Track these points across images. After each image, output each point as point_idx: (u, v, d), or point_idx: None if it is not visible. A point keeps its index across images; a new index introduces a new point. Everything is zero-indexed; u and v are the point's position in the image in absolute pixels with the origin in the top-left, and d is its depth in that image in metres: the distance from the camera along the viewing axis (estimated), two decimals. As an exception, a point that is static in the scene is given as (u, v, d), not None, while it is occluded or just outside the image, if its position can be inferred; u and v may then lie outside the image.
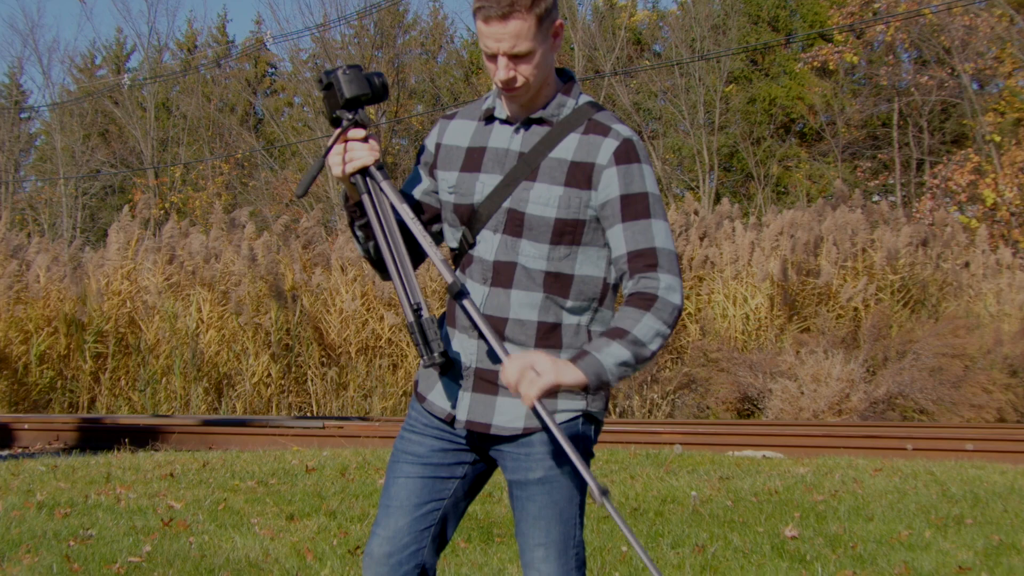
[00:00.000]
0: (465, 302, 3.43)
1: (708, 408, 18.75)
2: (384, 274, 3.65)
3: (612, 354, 3.34)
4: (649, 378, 18.76)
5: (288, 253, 21.02)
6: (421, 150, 3.75)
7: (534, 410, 3.29)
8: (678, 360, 19.68)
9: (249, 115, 46.21)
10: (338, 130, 3.50)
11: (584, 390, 3.35)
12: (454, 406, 3.58)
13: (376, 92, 3.53)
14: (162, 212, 35.52)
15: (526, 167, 3.50)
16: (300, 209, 33.94)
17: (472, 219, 3.55)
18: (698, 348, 19.40)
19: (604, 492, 3.31)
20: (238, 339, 19.64)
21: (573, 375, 3.30)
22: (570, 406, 3.51)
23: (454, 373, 3.57)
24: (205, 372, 19.41)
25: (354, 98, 3.48)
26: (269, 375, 19.49)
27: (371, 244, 3.63)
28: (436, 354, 3.39)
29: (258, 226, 23.65)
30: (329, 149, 3.51)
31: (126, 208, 21.25)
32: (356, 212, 3.61)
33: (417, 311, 3.43)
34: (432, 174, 3.68)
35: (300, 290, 20.07)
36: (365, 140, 3.50)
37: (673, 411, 18.84)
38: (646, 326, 3.38)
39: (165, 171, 41.65)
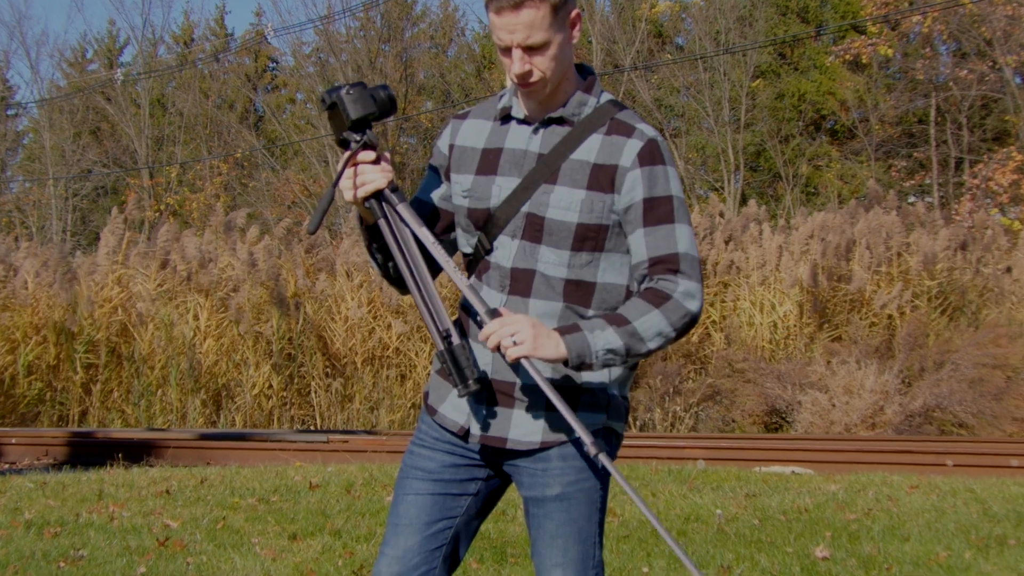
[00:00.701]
0: None
1: (734, 421, 18.69)
2: (403, 291, 3.68)
3: (604, 338, 3.35)
4: (671, 390, 18.71)
5: (290, 258, 20.97)
6: (433, 153, 3.76)
7: (614, 450, 3.36)
8: (702, 371, 19.67)
9: (249, 112, 46.28)
10: (347, 154, 3.49)
11: (564, 363, 3.35)
12: (467, 419, 3.58)
13: (383, 108, 3.54)
14: (157, 214, 35.54)
15: (546, 169, 3.49)
16: (303, 211, 34.15)
17: (488, 224, 3.55)
18: (723, 358, 19.34)
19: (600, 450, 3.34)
20: (237, 348, 19.61)
21: (554, 349, 3.32)
22: (590, 420, 3.51)
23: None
24: (203, 383, 19.37)
25: (361, 119, 3.49)
26: (270, 386, 19.46)
27: (391, 264, 3.63)
28: (471, 382, 3.41)
29: (259, 229, 23.66)
30: (340, 175, 3.50)
31: (115, 210, 21.19)
32: (373, 234, 3.61)
33: (447, 338, 3.45)
34: (447, 177, 3.69)
35: (303, 297, 20.05)
36: (376, 161, 3.50)
37: (697, 424, 18.74)
38: (650, 322, 3.39)
39: (160, 171, 41.80)
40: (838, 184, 36.64)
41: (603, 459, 3.33)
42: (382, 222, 3.51)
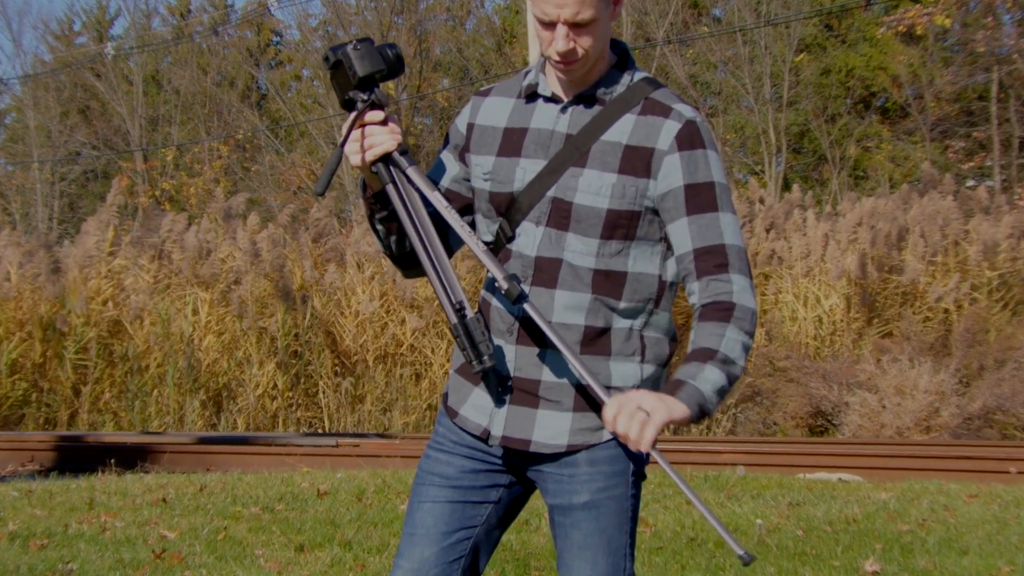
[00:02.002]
0: (529, 309, 3.42)
1: (775, 424, 18.72)
2: (407, 271, 3.71)
3: (708, 380, 3.34)
4: None
5: (296, 247, 20.94)
6: (449, 132, 3.74)
7: (647, 454, 3.30)
8: None
9: (251, 90, 46.35)
10: (353, 114, 3.49)
11: (688, 423, 3.34)
12: (489, 420, 3.57)
13: (391, 67, 3.54)
14: (152, 200, 35.59)
15: (574, 151, 3.48)
16: (309, 198, 33.97)
17: (511, 209, 3.55)
18: (764, 355, 19.39)
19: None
20: (240, 345, 19.68)
21: (679, 409, 3.30)
22: None
23: (489, 383, 3.56)
24: (202, 383, 19.43)
25: (368, 76, 3.49)
26: (275, 386, 19.52)
27: (393, 239, 3.64)
28: (486, 357, 3.41)
29: (262, 217, 23.75)
30: (346, 137, 3.49)
31: (111, 196, 21.25)
32: (376, 204, 3.61)
33: (460, 311, 3.44)
34: (463, 159, 3.68)
35: (310, 289, 20.07)
36: (384, 123, 3.50)
37: (735, 427, 18.84)
38: (732, 340, 3.39)
39: (155, 154, 41.84)
40: (889, 167, 36.56)
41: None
42: (390, 187, 3.51)
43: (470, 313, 3.44)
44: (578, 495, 3.52)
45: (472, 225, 3.67)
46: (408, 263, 3.67)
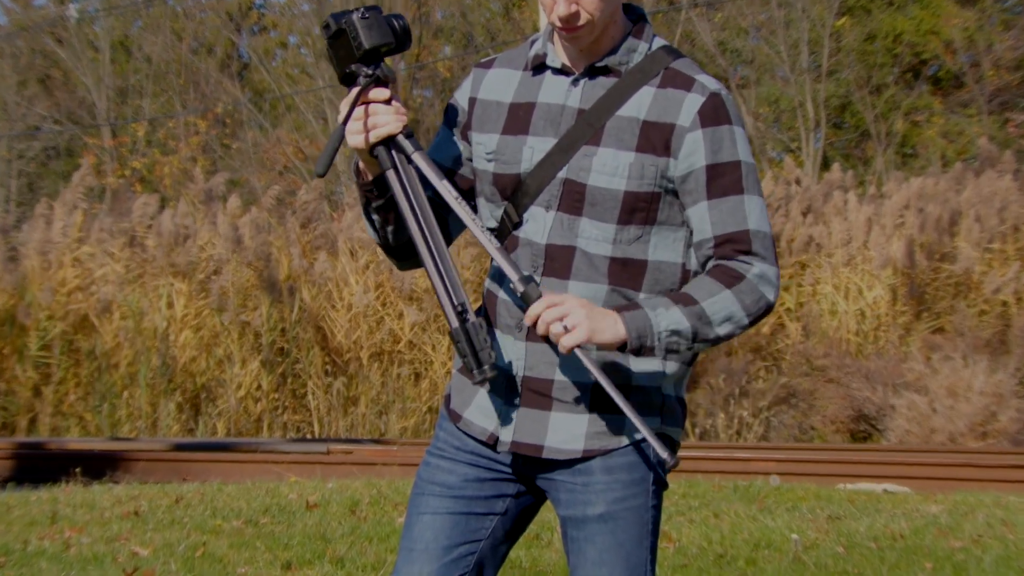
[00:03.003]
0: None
1: (813, 429, 18.75)
2: (402, 263, 3.74)
3: (668, 317, 3.40)
4: (738, 391, 18.78)
5: (283, 233, 20.96)
6: (449, 108, 3.75)
7: (667, 463, 3.40)
8: (774, 368, 19.75)
9: (231, 59, 45.77)
10: (356, 89, 3.48)
11: (619, 348, 3.39)
12: (496, 425, 3.60)
13: (399, 40, 3.53)
14: (122, 181, 35.51)
15: (588, 128, 3.50)
16: (296, 178, 34.07)
17: (517, 193, 3.57)
18: (800, 353, 19.47)
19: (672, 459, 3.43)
20: (220, 341, 19.72)
21: (612, 330, 3.37)
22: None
23: (497, 384, 3.58)
24: (178, 383, 19.46)
25: (374, 49, 3.48)
26: (259, 387, 19.59)
27: (390, 229, 3.65)
28: (487, 367, 3.42)
29: (244, 199, 23.83)
30: (348, 115, 3.49)
31: (78, 176, 21.32)
32: (372, 191, 3.61)
33: (462, 314, 3.45)
34: (466, 137, 3.71)
35: (298, 280, 20.10)
36: (389, 101, 3.50)
37: (768, 432, 18.84)
38: (721, 304, 3.43)
39: (124, 129, 41.70)
40: (941, 143, 36.41)
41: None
42: (391, 173, 3.51)
43: (472, 317, 3.45)
44: (593, 506, 3.54)
45: (474, 211, 3.65)
46: (404, 254, 3.69)
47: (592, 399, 3.51)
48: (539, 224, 3.54)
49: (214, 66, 43.29)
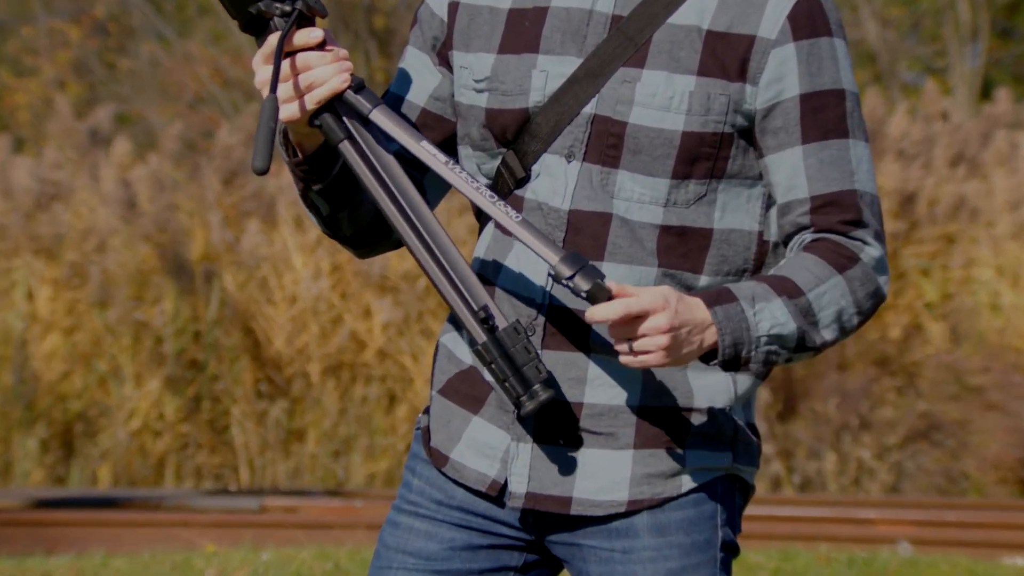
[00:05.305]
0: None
1: (964, 476, 17.65)
2: (362, 251, 3.18)
3: (771, 315, 2.76)
4: (856, 422, 17.64)
5: (196, 193, 19.16)
6: (418, 19, 3.15)
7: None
8: (908, 388, 18.29)
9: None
10: (273, 37, 2.72)
11: (705, 358, 2.74)
12: (502, 468, 2.97)
13: None
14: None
15: (627, 42, 2.89)
16: (213, 114, 32.65)
17: (523, 136, 2.91)
18: (946, 367, 17.93)
19: None
20: (103, 350, 17.97)
21: (699, 341, 2.77)
22: (707, 462, 2.94)
23: (494, 412, 2.95)
24: (41, 411, 17.80)
25: None
26: (161, 416, 17.97)
27: (344, 215, 2.99)
28: (539, 387, 2.71)
29: (139, 142, 22.72)
30: (276, 75, 2.72)
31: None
32: (311, 173, 2.91)
33: (487, 320, 2.79)
34: (445, 60, 3.05)
35: (218, 261, 18.51)
36: (322, 46, 2.79)
37: (899, 481, 17.64)
38: (831, 296, 2.80)
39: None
40: None
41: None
42: (345, 145, 2.82)
43: (502, 321, 2.80)
44: (637, 580, 2.93)
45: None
46: (364, 240, 3.07)
47: (638, 428, 2.90)
48: (556, 181, 2.89)
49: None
